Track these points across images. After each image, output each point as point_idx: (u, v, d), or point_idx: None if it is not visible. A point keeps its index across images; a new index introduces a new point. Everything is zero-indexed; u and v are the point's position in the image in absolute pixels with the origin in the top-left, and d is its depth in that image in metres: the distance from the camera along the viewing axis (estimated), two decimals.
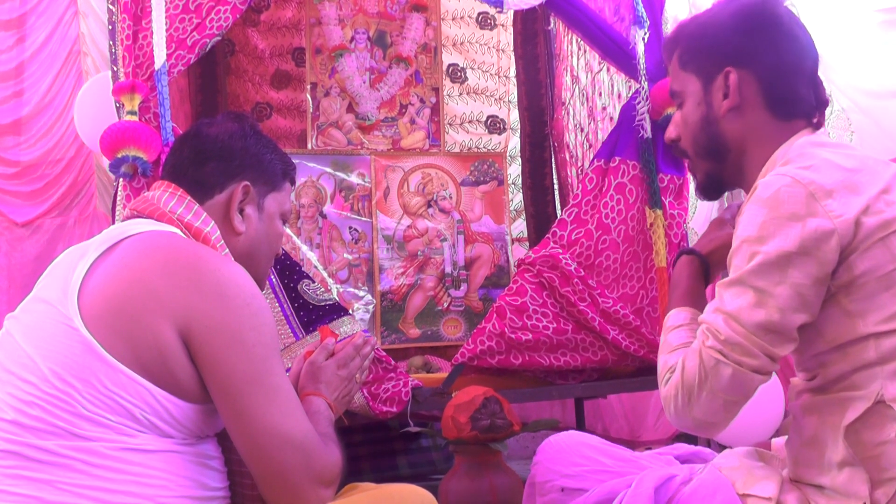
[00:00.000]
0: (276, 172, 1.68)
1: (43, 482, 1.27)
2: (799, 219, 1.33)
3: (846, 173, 1.37)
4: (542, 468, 1.63)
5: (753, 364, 1.34)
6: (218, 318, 1.37)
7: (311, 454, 1.40)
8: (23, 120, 4.34)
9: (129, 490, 1.30)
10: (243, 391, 1.37)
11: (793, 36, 1.52)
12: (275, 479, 1.39)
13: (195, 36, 2.70)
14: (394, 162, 3.77)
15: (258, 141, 1.67)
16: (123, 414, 1.32)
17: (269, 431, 1.37)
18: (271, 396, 1.39)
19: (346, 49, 3.92)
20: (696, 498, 1.45)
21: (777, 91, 1.51)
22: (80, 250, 1.46)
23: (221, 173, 1.60)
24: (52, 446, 1.29)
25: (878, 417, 1.33)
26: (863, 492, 1.33)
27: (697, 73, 1.57)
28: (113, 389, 1.31)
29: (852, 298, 1.36)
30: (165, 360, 1.34)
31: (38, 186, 4.31)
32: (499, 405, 2.41)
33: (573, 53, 3.87)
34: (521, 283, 2.93)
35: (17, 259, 4.10)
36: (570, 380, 3.01)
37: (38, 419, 1.30)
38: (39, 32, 4.33)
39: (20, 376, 1.33)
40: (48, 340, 1.35)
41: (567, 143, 3.97)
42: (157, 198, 1.56)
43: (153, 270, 1.38)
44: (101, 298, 1.36)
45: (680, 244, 3.01)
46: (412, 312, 3.61)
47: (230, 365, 1.36)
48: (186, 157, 1.61)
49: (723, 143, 1.55)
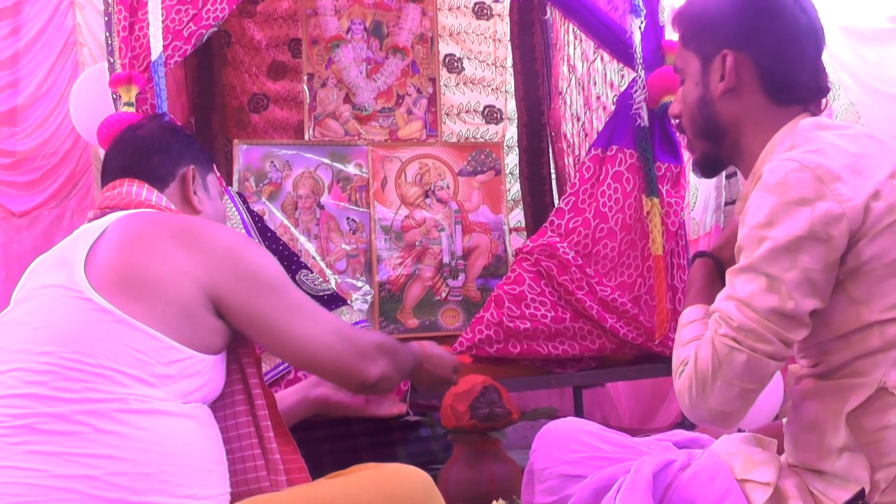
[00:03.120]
0: (205, 159, 1.84)
1: (51, 454, 1.29)
2: (808, 203, 1.32)
3: (852, 157, 1.36)
4: (541, 455, 1.63)
5: (768, 350, 1.32)
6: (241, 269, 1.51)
7: (351, 341, 1.60)
8: (18, 110, 4.33)
9: (136, 458, 1.32)
10: (281, 324, 1.52)
11: (794, 20, 1.50)
12: (337, 373, 1.61)
13: (192, 27, 2.69)
14: (391, 152, 3.77)
15: (187, 135, 1.83)
16: (142, 369, 1.37)
17: (315, 343, 1.55)
18: (303, 315, 1.55)
19: (343, 40, 3.91)
20: (695, 483, 1.45)
21: (775, 76, 1.50)
22: (70, 244, 1.51)
23: (168, 163, 1.73)
24: (65, 411, 1.31)
25: (880, 404, 1.33)
26: (863, 477, 1.33)
27: (697, 53, 1.57)
28: (131, 346, 1.37)
29: (858, 286, 1.35)
30: (190, 317, 1.43)
31: (35, 177, 4.30)
32: (497, 394, 2.42)
33: (569, 43, 3.87)
34: (519, 272, 2.94)
35: (15, 250, 4.10)
36: (569, 368, 3.02)
37: (54, 387, 1.32)
38: (35, 22, 4.31)
39: (33, 350, 1.36)
40: (60, 315, 1.39)
41: (564, 132, 3.97)
42: (125, 192, 1.65)
43: (163, 238, 1.47)
44: (113, 270, 1.42)
45: (677, 232, 3.02)
46: (410, 302, 3.61)
47: (263, 307, 1.51)
48: (131, 156, 1.72)
49: (719, 125, 1.55)
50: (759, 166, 1.49)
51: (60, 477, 1.28)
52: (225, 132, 4.02)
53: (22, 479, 1.27)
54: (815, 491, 1.39)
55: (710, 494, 1.42)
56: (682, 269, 3.03)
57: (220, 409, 1.55)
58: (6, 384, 1.35)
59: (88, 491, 1.28)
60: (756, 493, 1.41)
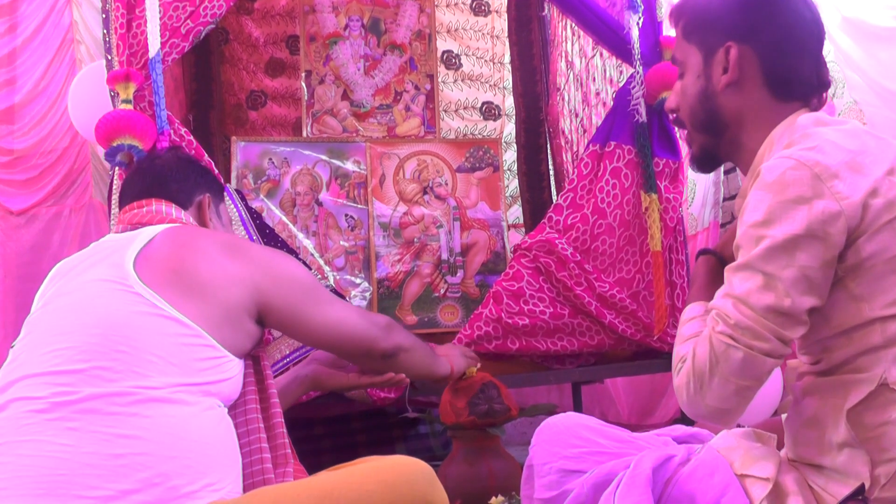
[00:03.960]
0: (218, 187, 1.98)
1: (84, 432, 1.35)
2: (805, 201, 1.32)
3: (850, 154, 1.36)
4: (540, 450, 1.63)
5: (765, 347, 1.33)
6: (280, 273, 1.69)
7: (370, 317, 1.89)
8: (16, 108, 4.31)
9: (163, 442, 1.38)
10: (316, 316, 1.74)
11: (797, 13, 1.50)
12: (363, 344, 1.84)
13: (189, 24, 2.69)
14: (389, 149, 3.77)
15: (200, 166, 1.98)
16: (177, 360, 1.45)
17: (342, 324, 1.79)
18: (331, 305, 1.80)
19: (341, 36, 3.91)
20: (695, 478, 1.45)
21: (778, 70, 1.50)
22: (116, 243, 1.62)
23: (184, 191, 1.85)
24: (103, 392, 1.38)
25: (881, 400, 1.33)
26: (863, 472, 1.33)
27: (699, 46, 1.56)
28: (173, 339, 1.46)
29: (859, 282, 1.35)
30: (232, 320, 1.57)
31: (32, 175, 4.28)
32: (496, 390, 2.42)
33: (567, 39, 3.87)
34: (518, 269, 2.94)
35: (12, 248, 4.08)
36: (568, 364, 3.02)
37: (97, 367, 1.40)
38: (31, 19, 4.29)
39: (80, 332, 1.44)
40: (107, 305, 1.48)
41: (562, 128, 3.97)
42: (155, 210, 1.76)
43: (212, 247, 1.61)
44: (164, 270, 1.53)
45: (676, 228, 3.02)
46: (409, 299, 3.61)
47: (300, 304, 1.71)
48: (151, 182, 1.84)
49: (720, 118, 1.55)
50: (758, 163, 1.49)
51: (88, 454, 1.33)
52: (223, 129, 4.02)
53: (52, 453, 1.33)
54: (814, 486, 1.39)
55: (709, 489, 1.42)
56: (680, 264, 3.03)
57: (232, 407, 1.62)
58: (50, 363, 1.42)
59: (116, 469, 1.33)
60: (755, 488, 1.41)
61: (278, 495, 1.38)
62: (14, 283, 3.97)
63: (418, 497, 1.39)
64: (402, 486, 1.39)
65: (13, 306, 3.90)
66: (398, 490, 1.38)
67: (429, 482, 1.42)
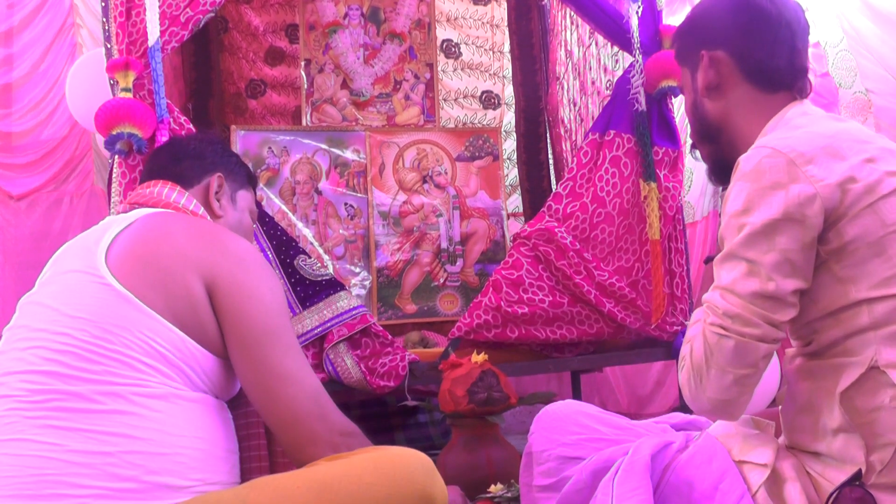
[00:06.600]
0: (241, 174, 1.92)
1: (68, 430, 1.34)
2: (782, 186, 1.35)
3: (826, 139, 1.39)
4: (539, 437, 1.64)
5: (755, 333, 1.35)
6: (239, 277, 1.52)
7: (322, 404, 1.53)
8: (13, 87, 4.29)
9: (150, 438, 1.36)
10: (261, 341, 1.50)
11: (759, 9, 1.56)
12: (289, 424, 1.50)
13: (188, 12, 2.68)
14: (389, 138, 3.77)
15: (225, 148, 1.92)
16: (157, 358, 1.42)
17: (284, 378, 1.50)
18: (286, 350, 1.52)
19: (340, 25, 3.91)
20: (693, 465, 1.46)
21: (751, 63, 1.56)
22: (95, 233, 1.57)
23: (196, 168, 1.82)
24: (83, 390, 1.36)
25: (872, 383, 1.34)
26: (858, 457, 1.34)
27: (686, 65, 1.68)
28: (148, 335, 1.42)
29: (843, 265, 1.37)
30: (195, 310, 1.48)
31: (32, 158, 4.26)
32: (495, 378, 2.42)
33: (566, 28, 3.86)
34: (517, 257, 2.94)
35: (12, 233, 4.07)
36: (567, 353, 3.03)
37: (73, 367, 1.38)
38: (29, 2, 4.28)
39: (53, 331, 1.42)
40: (81, 299, 1.44)
41: (562, 117, 3.96)
42: (156, 192, 1.73)
43: (179, 233, 1.54)
44: (132, 257, 1.48)
45: (675, 216, 3.02)
46: (409, 288, 3.62)
47: (250, 318, 1.50)
48: (164, 159, 1.84)
49: (710, 123, 1.62)
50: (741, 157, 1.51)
51: (76, 452, 1.32)
52: (222, 118, 4.01)
53: (38, 453, 1.32)
54: (812, 472, 1.40)
55: (707, 475, 1.43)
56: (679, 253, 3.04)
57: (233, 408, 1.61)
58: (27, 360, 1.40)
59: (103, 467, 1.32)
60: (753, 474, 1.42)
61: (277, 486, 1.38)
62: (14, 268, 3.95)
63: (418, 489, 1.38)
64: (402, 478, 1.39)
65: (13, 292, 3.90)
66: (397, 482, 1.38)
67: (428, 474, 1.42)
